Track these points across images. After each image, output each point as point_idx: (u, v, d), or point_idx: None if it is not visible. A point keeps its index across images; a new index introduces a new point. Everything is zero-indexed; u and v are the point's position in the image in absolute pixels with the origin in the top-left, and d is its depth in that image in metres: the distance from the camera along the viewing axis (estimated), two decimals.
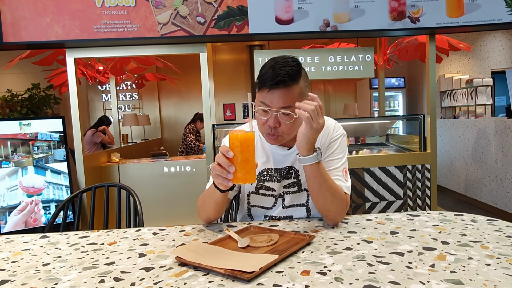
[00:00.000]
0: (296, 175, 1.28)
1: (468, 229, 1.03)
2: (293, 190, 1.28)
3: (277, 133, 1.16)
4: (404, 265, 0.80)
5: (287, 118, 1.13)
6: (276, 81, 1.09)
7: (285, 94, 1.11)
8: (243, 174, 0.96)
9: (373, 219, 1.18)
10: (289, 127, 1.15)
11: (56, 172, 3.20)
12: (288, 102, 1.11)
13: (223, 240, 1.01)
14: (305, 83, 1.16)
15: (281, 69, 1.10)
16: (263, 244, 0.95)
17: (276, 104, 1.12)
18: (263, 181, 1.29)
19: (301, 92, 1.14)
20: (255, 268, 0.77)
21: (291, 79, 1.10)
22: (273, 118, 1.13)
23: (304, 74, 1.16)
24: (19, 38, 2.88)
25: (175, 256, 0.88)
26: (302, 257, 0.88)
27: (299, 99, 1.11)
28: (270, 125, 1.14)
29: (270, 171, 1.28)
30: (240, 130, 1.01)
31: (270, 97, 1.12)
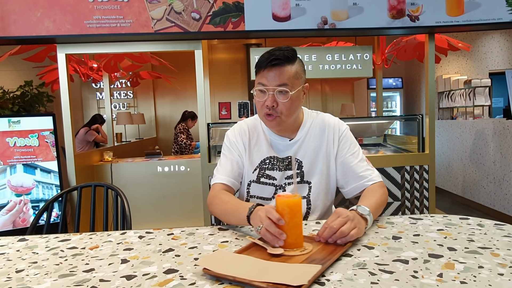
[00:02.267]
0: (300, 166, 1.29)
1: (476, 234, 0.96)
2: (296, 180, 1.29)
3: (275, 113, 1.20)
4: (409, 274, 0.73)
5: (284, 97, 1.17)
6: (271, 60, 1.16)
7: (280, 72, 1.16)
8: (294, 240, 0.90)
9: (374, 222, 1.11)
10: (287, 106, 1.19)
11: (46, 171, 3.11)
12: (283, 80, 1.16)
13: (249, 248, 0.91)
14: (301, 67, 1.22)
15: (276, 51, 1.18)
16: (297, 252, 0.87)
17: (272, 82, 1.17)
18: (264, 169, 1.31)
19: (297, 74, 1.20)
20: (302, 280, 0.69)
21: (286, 59, 1.17)
22: (270, 97, 1.18)
23: (300, 61, 1.23)
24: (8, 33, 2.79)
25: (202, 268, 0.78)
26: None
27: (295, 80, 1.19)
28: (268, 105, 1.18)
29: (273, 159, 1.31)
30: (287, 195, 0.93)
31: (266, 75, 1.18)
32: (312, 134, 1.31)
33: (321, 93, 7.52)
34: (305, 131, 1.31)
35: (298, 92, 1.21)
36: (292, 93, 1.17)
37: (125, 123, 5.86)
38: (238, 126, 1.38)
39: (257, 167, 1.31)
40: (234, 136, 1.35)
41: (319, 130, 1.32)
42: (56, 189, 3.14)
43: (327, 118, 1.35)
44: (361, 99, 7.10)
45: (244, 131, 1.35)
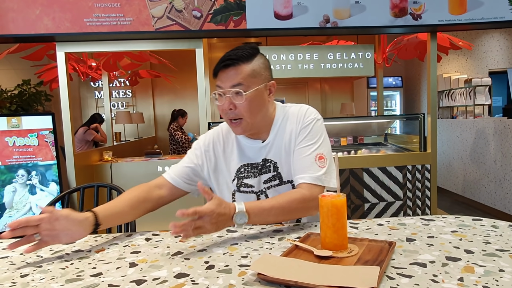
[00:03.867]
0: (275, 167, 1.22)
1: (491, 236, 0.94)
2: (274, 183, 1.22)
3: (237, 116, 1.14)
4: (429, 279, 0.71)
5: (239, 98, 1.12)
6: (224, 60, 1.11)
7: (234, 73, 1.11)
8: (340, 241, 0.87)
9: (385, 224, 1.09)
10: (245, 108, 1.13)
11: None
12: (237, 80, 1.11)
13: (292, 251, 0.87)
14: (261, 65, 1.15)
15: (231, 52, 1.13)
16: (345, 254, 0.84)
17: (226, 83, 1.12)
18: (242, 178, 1.24)
19: (254, 72, 1.13)
20: (370, 283, 0.66)
21: (240, 58, 1.11)
22: (227, 100, 1.13)
23: (261, 59, 1.17)
24: (6, 31, 2.75)
25: (257, 273, 0.74)
26: None
27: (251, 79, 1.12)
28: (225, 108, 1.13)
29: (247, 167, 1.24)
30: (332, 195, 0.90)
31: (221, 77, 1.13)
32: (282, 131, 1.23)
33: (320, 92, 7.50)
34: (276, 130, 1.23)
35: (257, 92, 1.13)
36: (247, 93, 1.11)
37: (124, 122, 5.82)
38: (214, 133, 1.31)
39: (235, 176, 1.25)
40: (206, 145, 1.28)
41: (289, 123, 1.23)
42: (56, 190, 3.11)
43: (297, 109, 1.24)
44: (361, 98, 7.08)
45: (218, 139, 1.29)
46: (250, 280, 0.74)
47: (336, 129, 3.80)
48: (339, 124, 3.82)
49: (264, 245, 0.96)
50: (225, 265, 0.83)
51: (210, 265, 0.83)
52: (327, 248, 0.86)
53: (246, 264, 0.83)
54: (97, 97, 7.12)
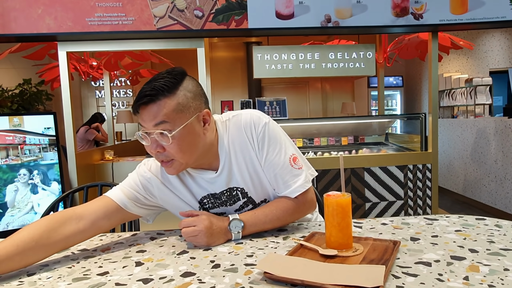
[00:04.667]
0: (244, 193, 1.09)
1: (495, 235, 0.95)
2: (248, 209, 1.12)
3: (167, 158, 0.97)
4: (434, 278, 0.72)
5: (166, 139, 0.94)
6: (142, 97, 0.93)
7: (156, 109, 0.93)
8: (345, 240, 0.87)
9: (389, 223, 1.09)
10: (175, 149, 0.95)
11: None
12: (159, 118, 0.92)
13: (297, 250, 0.88)
14: (187, 95, 0.96)
15: (149, 84, 0.94)
16: (350, 253, 0.84)
17: (148, 123, 0.94)
18: (208, 209, 1.11)
19: (180, 106, 0.94)
20: (377, 282, 0.66)
21: (160, 92, 0.92)
22: (152, 141, 0.96)
23: (188, 86, 0.98)
24: (8, 30, 2.75)
25: (263, 272, 0.74)
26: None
27: (177, 114, 0.94)
28: (152, 152, 0.97)
29: (209, 198, 1.09)
30: (336, 195, 0.89)
31: (142, 116, 0.95)
32: (234, 153, 1.06)
33: (321, 91, 7.50)
34: (225, 154, 1.06)
35: (187, 128, 0.95)
36: (174, 133, 0.93)
37: (125, 121, 5.82)
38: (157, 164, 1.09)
39: (200, 207, 1.11)
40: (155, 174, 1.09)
41: (238, 140, 1.06)
42: (58, 189, 3.11)
43: (239, 119, 1.07)
44: (361, 98, 7.09)
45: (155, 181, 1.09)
46: (256, 279, 0.75)
47: (337, 128, 3.81)
48: (340, 124, 3.83)
49: (269, 244, 0.96)
50: (230, 264, 0.83)
51: (216, 264, 0.84)
52: (332, 247, 0.87)
53: (251, 263, 0.84)
54: (98, 97, 7.12)
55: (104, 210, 1.01)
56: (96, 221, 0.99)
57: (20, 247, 0.85)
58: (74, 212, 0.97)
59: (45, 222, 0.93)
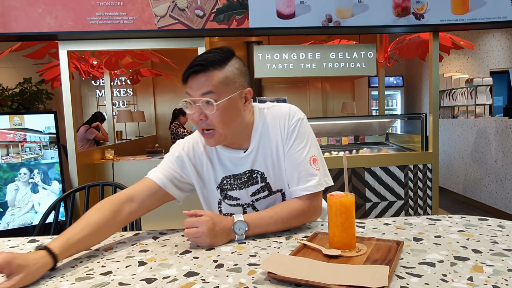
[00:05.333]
0: (263, 178, 1.14)
1: (498, 235, 0.95)
2: (263, 195, 1.15)
3: (209, 127, 1.04)
4: (438, 278, 0.72)
5: (210, 108, 1.00)
6: (194, 65, 1.00)
7: (205, 79, 1.00)
8: (349, 240, 0.87)
9: (391, 223, 1.09)
10: (217, 118, 1.02)
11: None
12: (208, 88, 1.00)
13: (301, 250, 0.88)
14: (235, 71, 1.04)
15: (201, 56, 1.02)
16: (354, 253, 0.84)
17: (196, 91, 1.01)
18: (225, 190, 1.16)
19: (227, 80, 1.02)
20: (381, 282, 0.66)
21: (211, 64, 1.00)
22: (197, 109, 1.02)
23: (236, 64, 1.05)
24: (9, 29, 2.75)
25: (267, 272, 0.74)
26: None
27: (224, 87, 1.01)
28: (195, 119, 1.03)
29: (229, 179, 1.15)
30: (340, 195, 0.90)
31: (190, 84, 1.02)
32: (265, 138, 1.12)
33: (321, 91, 7.50)
34: (257, 137, 1.12)
35: (230, 101, 1.02)
36: (218, 102, 0.99)
37: (126, 121, 5.82)
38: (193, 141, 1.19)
39: (218, 186, 1.17)
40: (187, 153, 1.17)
41: (272, 128, 1.13)
42: (59, 188, 3.11)
43: (278, 110, 1.14)
44: (361, 98, 7.09)
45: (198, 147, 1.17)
46: (260, 279, 0.75)
47: (338, 128, 3.81)
48: (340, 124, 3.82)
49: (271, 244, 0.96)
50: (234, 264, 0.83)
51: (219, 264, 0.84)
52: (336, 247, 0.87)
53: (255, 263, 0.84)
54: (98, 96, 7.11)
55: (148, 191, 1.10)
56: (143, 201, 1.09)
57: (95, 228, 0.96)
58: (125, 194, 1.07)
59: (108, 205, 1.02)
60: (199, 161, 1.17)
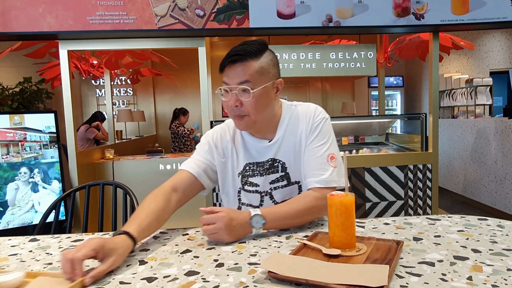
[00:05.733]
0: (283, 167, 1.21)
1: (497, 235, 0.95)
2: (282, 184, 1.21)
3: (242, 113, 1.12)
4: (438, 277, 0.72)
5: (246, 96, 1.09)
6: (232, 55, 1.08)
7: (242, 69, 1.09)
8: (349, 240, 0.87)
9: (391, 223, 1.10)
10: (252, 105, 1.10)
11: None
12: (245, 77, 1.08)
13: (301, 249, 0.88)
14: (269, 62, 1.13)
15: (238, 47, 1.09)
16: (354, 252, 0.85)
17: (233, 80, 1.10)
18: (247, 177, 1.23)
19: (262, 70, 1.10)
20: (381, 281, 0.66)
21: (248, 54, 1.09)
22: (233, 96, 1.11)
23: (269, 55, 1.14)
24: (9, 29, 2.75)
25: (267, 271, 0.75)
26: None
27: (259, 76, 1.10)
28: (231, 105, 1.11)
29: (252, 165, 1.23)
30: (340, 195, 0.91)
31: (228, 73, 1.11)
32: (290, 130, 1.21)
33: (321, 91, 7.50)
34: (283, 129, 1.21)
35: (264, 89, 1.11)
36: (255, 90, 1.08)
37: (126, 120, 5.82)
38: (221, 130, 1.28)
39: (240, 173, 1.24)
40: (214, 141, 1.26)
41: (298, 123, 1.21)
42: (58, 187, 3.11)
43: (305, 108, 1.23)
44: (361, 98, 7.09)
45: (225, 136, 1.26)
46: (260, 278, 0.75)
47: (338, 128, 3.81)
48: (340, 124, 3.83)
49: (272, 243, 0.97)
50: (234, 263, 0.84)
51: (219, 263, 0.84)
52: (336, 247, 0.87)
53: (255, 262, 0.84)
54: (98, 95, 7.11)
55: (187, 181, 1.18)
56: (185, 191, 1.17)
57: (155, 215, 1.03)
58: (170, 186, 1.14)
59: (161, 194, 1.10)
60: (225, 149, 1.25)
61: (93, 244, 0.80)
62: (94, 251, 0.79)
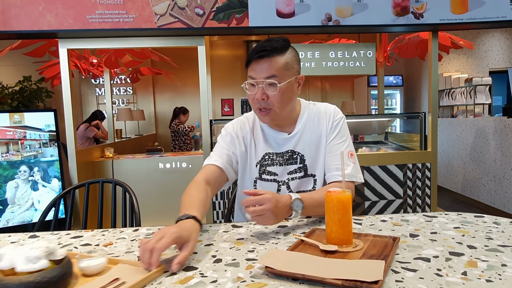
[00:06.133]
0: (302, 159, 1.26)
1: (493, 232, 0.96)
2: (299, 175, 1.26)
3: (268, 106, 1.17)
4: (433, 273, 0.73)
5: (273, 89, 1.14)
6: (258, 51, 1.13)
7: (268, 64, 1.13)
8: (346, 236, 0.88)
9: (388, 220, 1.11)
10: (277, 99, 1.16)
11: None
12: (271, 72, 1.13)
13: (298, 245, 0.89)
14: (293, 58, 1.18)
15: (265, 43, 1.14)
16: (351, 248, 0.85)
17: (260, 74, 1.14)
18: (265, 166, 1.28)
19: (287, 65, 1.16)
20: (376, 276, 0.67)
21: (275, 50, 1.13)
22: (260, 90, 1.15)
23: (293, 52, 1.19)
24: (9, 27, 2.75)
25: (265, 266, 0.75)
26: None
27: (285, 71, 1.15)
28: (257, 98, 1.15)
29: (271, 155, 1.28)
30: (337, 191, 0.92)
31: (254, 68, 1.15)
32: (310, 126, 1.28)
33: (321, 90, 7.51)
34: (303, 123, 1.28)
35: (289, 84, 1.17)
36: (281, 84, 1.14)
37: (126, 119, 5.83)
38: (240, 122, 1.34)
39: (258, 162, 1.28)
40: (235, 132, 1.31)
41: (318, 120, 1.28)
42: (58, 186, 3.12)
43: (324, 107, 1.31)
44: (361, 97, 7.10)
45: (245, 127, 1.32)
46: (257, 273, 0.76)
47: None
48: None
49: (270, 240, 0.97)
50: (232, 259, 0.84)
51: (217, 259, 0.85)
52: (333, 243, 0.88)
53: (253, 258, 0.85)
54: (98, 94, 7.12)
55: (215, 175, 1.22)
56: (215, 184, 1.21)
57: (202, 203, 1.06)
58: (203, 179, 1.18)
59: (201, 185, 1.14)
60: (245, 139, 1.30)
61: (172, 234, 0.83)
62: (173, 241, 0.82)
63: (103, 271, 0.78)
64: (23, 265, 0.67)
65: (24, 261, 0.68)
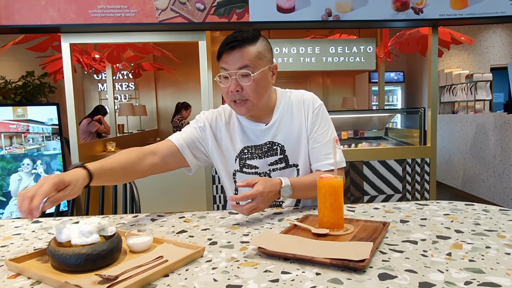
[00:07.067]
0: (282, 150, 1.26)
1: (481, 218, 0.98)
2: (280, 166, 1.26)
3: (242, 98, 1.15)
4: (419, 254, 0.76)
5: (247, 80, 1.13)
6: (230, 42, 1.12)
7: (240, 55, 1.12)
8: (337, 221, 0.91)
9: (381, 207, 1.13)
10: (252, 89, 1.14)
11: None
12: (244, 62, 1.12)
13: (291, 229, 0.92)
14: (264, 47, 1.17)
15: (235, 33, 1.14)
16: (341, 232, 0.89)
17: (233, 65, 1.13)
18: (245, 160, 1.27)
19: (260, 54, 1.15)
20: (363, 255, 0.70)
21: (246, 40, 1.12)
22: (233, 81, 1.14)
23: (264, 41, 1.19)
24: (12, 22, 2.78)
25: (258, 247, 0.79)
26: None
27: (257, 61, 1.14)
28: (232, 90, 1.14)
29: (250, 149, 1.27)
30: (329, 177, 0.94)
31: (226, 59, 1.14)
32: (289, 115, 1.26)
33: (322, 86, 7.52)
34: (280, 113, 1.26)
35: (263, 73, 1.16)
36: (255, 74, 1.12)
37: (127, 114, 5.87)
38: (216, 113, 1.32)
39: (237, 157, 1.27)
40: (210, 122, 1.29)
41: (296, 108, 1.27)
42: None
43: (301, 95, 1.29)
44: (362, 93, 7.11)
45: (221, 119, 1.30)
46: (251, 254, 0.79)
47: (337, 122, 3.83)
48: (340, 118, 3.85)
49: (264, 225, 1.00)
50: (227, 242, 0.88)
51: (213, 242, 0.88)
52: (325, 227, 0.91)
53: (247, 241, 0.88)
54: (100, 90, 7.16)
55: (169, 150, 1.21)
56: (164, 158, 1.20)
57: (121, 166, 1.07)
58: (149, 148, 1.18)
59: (135, 151, 1.14)
60: (219, 131, 1.29)
61: (53, 179, 0.83)
62: (55, 185, 0.83)
63: (149, 249, 0.82)
64: (77, 238, 0.74)
65: (78, 235, 0.74)
